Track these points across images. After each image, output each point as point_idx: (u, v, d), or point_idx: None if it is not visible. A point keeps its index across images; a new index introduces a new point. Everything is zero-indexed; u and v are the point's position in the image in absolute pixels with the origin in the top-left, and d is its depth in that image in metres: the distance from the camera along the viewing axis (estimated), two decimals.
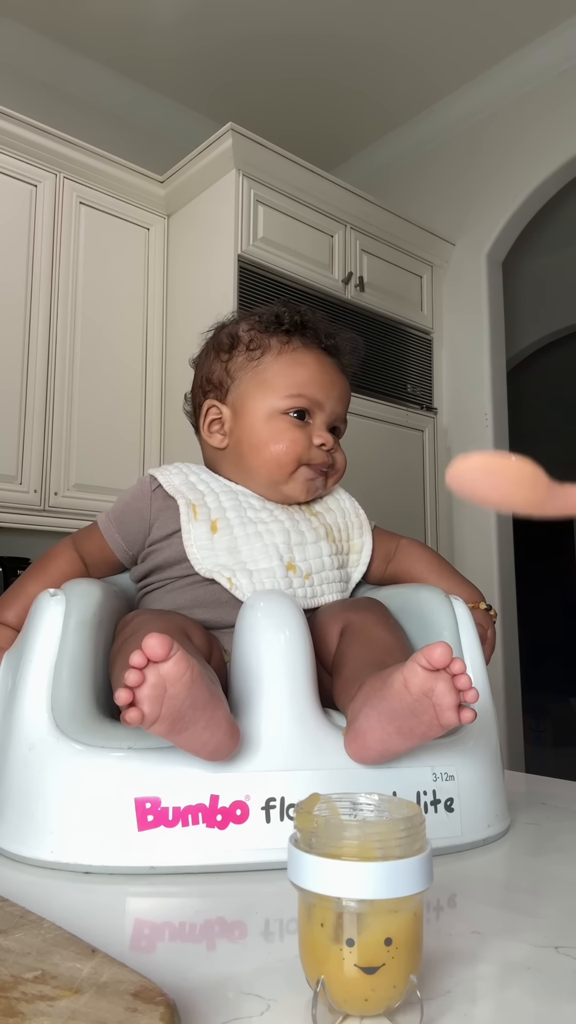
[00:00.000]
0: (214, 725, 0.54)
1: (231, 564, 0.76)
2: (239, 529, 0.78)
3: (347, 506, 0.88)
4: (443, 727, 0.54)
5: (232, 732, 0.56)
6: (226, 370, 0.85)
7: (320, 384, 0.84)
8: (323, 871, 0.35)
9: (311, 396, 0.83)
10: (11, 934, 0.40)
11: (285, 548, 0.78)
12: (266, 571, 0.75)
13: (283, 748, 0.59)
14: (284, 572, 0.76)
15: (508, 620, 2.53)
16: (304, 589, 0.77)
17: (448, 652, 0.52)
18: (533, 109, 2.61)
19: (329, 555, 0.81)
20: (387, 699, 0.55)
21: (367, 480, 2.32)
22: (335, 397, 0.85)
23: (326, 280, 2.35)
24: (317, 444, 0.82)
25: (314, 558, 0.79)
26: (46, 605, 0.67)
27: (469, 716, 0.53)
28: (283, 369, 0.83)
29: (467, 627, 0.73)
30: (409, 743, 0.57)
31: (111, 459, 2.18)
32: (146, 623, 0.68)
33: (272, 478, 0.82)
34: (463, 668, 0.52)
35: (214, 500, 0.80)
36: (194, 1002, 0.37)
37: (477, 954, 0.43)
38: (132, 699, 0.50)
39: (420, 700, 0.53)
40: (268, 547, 0.77)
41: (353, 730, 0.59)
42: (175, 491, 0.80)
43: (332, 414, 0.85)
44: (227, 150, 2.15)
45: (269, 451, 0.81)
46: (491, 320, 2.66)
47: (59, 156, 2.17)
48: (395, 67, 2.68)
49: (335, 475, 0.86)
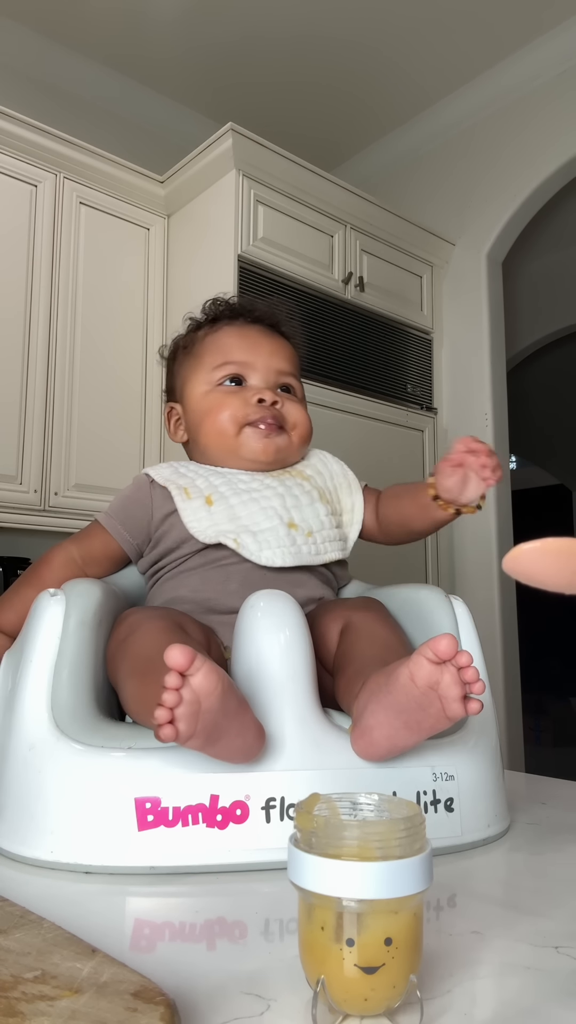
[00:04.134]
0: (244, 730, 0.54)
1: (234, 528, 0.77)
2: (234, 498, 0.80)
3: (335, 468, 0.90)
4: (450, 719, 0.54)
5: (260, 734, 0.57)
6: (172, 373, 0.92)
7: (244, 347, 0.87)
8: (323, 871, 0.35)
9: (237, 359, 0.86)
10: (11, 934, 0.40)
11: (283, 510, 0.79)
12: (269, 530, 0.77)
13: (283, 748, 0.59)
14: (287, 531, 0.78)
15: (508, 620, 2.53)
16: (309, 546, 0.79)
17: (454, 644, 0.52)
18: (533, 109, 2.61)
19: (326, 515, 0.82)
20: (393, 694, 0.55)
21: (367, 480, 2.31)
22: (266, 353, 0.87)
23: (326, 280, 2.35)
24: (255, 401, 0.84)
25: (312, 518, 0.81)
26: (46, 605, 0.67)
27: (476, 707, 0.53)
28: (209, 347, 0.89)
29: (467, 626, 0.73)
30: (416, 737, 0.57)
31: (111, 459, 2.18)
32: (143, 620, 0.68)
33: (223, 447, 0.85)
34: (469, 660, 0.52)
35: (204, 481, 0.82)
36: (194, 1002, 0.37)
37: (477, 954, 0.43)
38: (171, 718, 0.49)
39: (426, 693, 0.53)
40: (266, 509, 0.78)
41: (359, 727, 0.58)
42: (166, 480, 0.83)
43: (269, 370, 0.87)
44: (227, 150, 2.15)
45: (211, 423, 0.85)
46: (491, 320, 2.66)
47: (59, 156, 2.17)
48: (395, 67, 2.67)
49: (296, 429, 0.86)
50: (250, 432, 0.84)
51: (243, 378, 0.86)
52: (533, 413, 4.80)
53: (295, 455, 0.88)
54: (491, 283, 2.68)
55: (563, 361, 4.30)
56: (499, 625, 2.49)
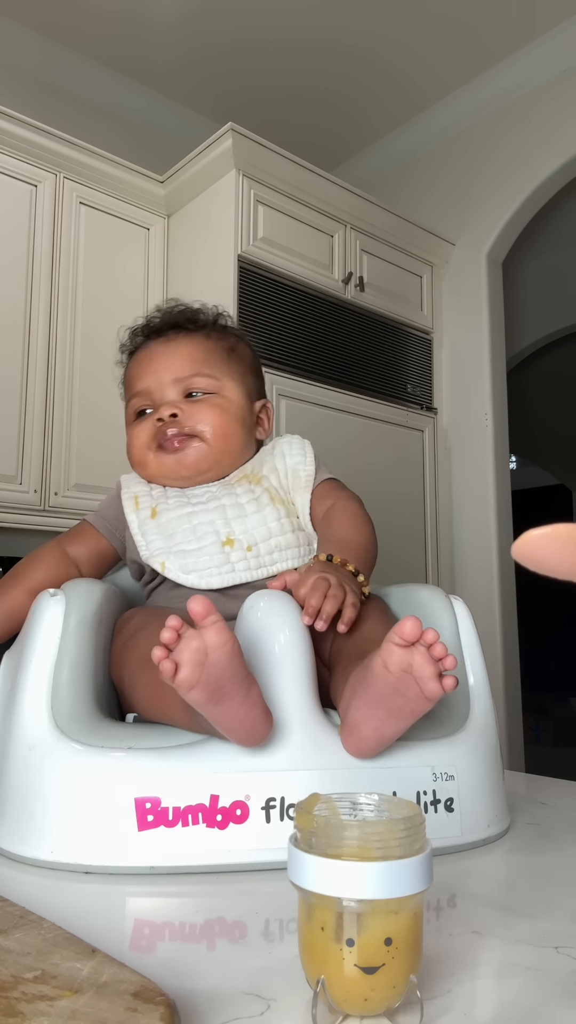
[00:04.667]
0: (251, 703, 0.54)
1: (165, 548, 0.77)
2: (172, 513, 0.79)
3: (291, 463, 0.85)
4: (429, 699, 0.54)
5: (266, 715, 0.56)
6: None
7: (142, 373, 0.86)
8: (323, 871, 0.35)
9: (138, 389, 0.86)
10: (11, 934, 0.40)
11: (222, 523, 0.77)
12: (198, 550, 0.76)
13: (283, 748, 0.59)
14: (219, 549, 0.75)
15: (508, 620, 2.53)
16: (246, 562, 0.75)
17: (418, 625, 0.52)
18: (533, 109, 2.61)
19: (277, 519, 0.78)
20: (371, 685, 0.55)
21: (367, 480, 2.32)
22: (161, 368, 0.84)
23: (326, 280, 2.35)
24: (156, 422, 0.83)
25: (257, 527, 0.77)
26: (46, 605, 0.67)
27: (451, 683, 0.53)
28: (126, 383, 0.89)
29: (467, 626, 0.73)
30: (401, 723, 0.57)
31: (111, 459, 2.18)
32: (151, 618, 0.68)
33: (148, 476, 0.85)
34: (436, 637, 0.53)
35: (159, 491, 0.83)
36: (194, 1002, 0.37)
37: (477, 954, 0.43)
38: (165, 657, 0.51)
39: (402, 677, 0.54)
40: (197, 527, 0.77)
41: (347, 725, 0.59)
42: (126, 485, 0.85)
43: (164, 386, 0.84)
44: (227, 150, 2.15)
45: (131, 457, 0.86)
46: (491, 320, 2.66)
47: (59, 156, 2.17)
48: (393, 69, 2.67)
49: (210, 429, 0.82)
50: (158, 456, 0.83)
51: (150, 407, 0.85)
52: (533, 413, 4.80)
53: (229, 455, 0.84)
54: (491, 283, 2.67)
55: (563, 361, 4.30)
56: (499, 625, 2.49)
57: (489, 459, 2.58)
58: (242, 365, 0.88)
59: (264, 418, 0.90)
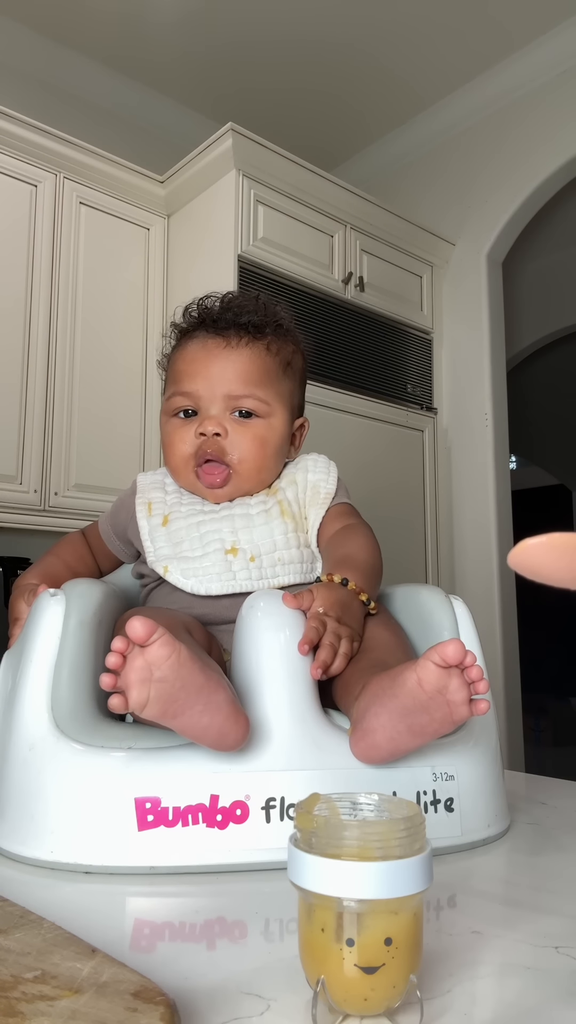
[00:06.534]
0: (213, 709, 0.53)
1: (171, 555, 0.77)
2: (183, 521, 0.79)
3: (313, 479, 0.84)
4: (455, 723, 0.54)
5: (235, 717, 0.55)
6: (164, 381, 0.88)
7: (195, 372, 0.81)
8: (323, 871, 0.35)
9: (186, 389, 0.81)
10: (11, 934, 0.40)
11: (229, 532, 0.77)
12: (199, 558, 0.76)
13: (283, 748, 0.59)
14: (222, 557, 0.75)
15: (508, 620, 2.53)
16: (247, 571, 0.75)
17: (461, 648, 0.52)
18: (533, 109, 2.61)
19: (283, 533, 0.78)
20: (398, 697, 0.55)
21: (367, 480, 2.32)
22: (217, 376, 0.80)
23: (326, 280, 2.35)
24: (199, 434, 0.80)
25: (263, 539, 0.77)
26: (46, 605, 0.67)
27: (483, 707, 0.53)
28: (170, 370, 0.85)
29: (467, 626, 0.73)
30: (419, 741, 0.57)
31: (111, 459, 2.18)
32: None
33: (179, 482, 0.83)
34: (473, 660, 0.53)
35: (173, 497, 0.83)
36: (194, 1002, 0.37)
37: (477, 954, 0.43)
38: (114, 684, 0.51)
39: (434, 698, 0.53)
40: (204, 536, 0.77)
41: (360, 729, 0.58)
42: (142, 490, 0.84)
43: (215, 398, 0.80)
44: (227, 150, 2.15)
45: (167, 457, 0.84)
46: (491, 320, 2.66)
47: (59, 156, 2.17)
48: (393, 70, 2.67)
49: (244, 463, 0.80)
50: (193, 477, 0.81)
51: (194, 409, 0.82)
52: (533, 413, 4.80)
53: (255, 484, 0.82)
54: (491, 283, 2.67)
55: (563, 361, 4.30)
56: (499, 625, 2.49)
57: (489, 459, 2.58)
58: (294, 381, 0.86)
59: (298, 435, 0.88)
